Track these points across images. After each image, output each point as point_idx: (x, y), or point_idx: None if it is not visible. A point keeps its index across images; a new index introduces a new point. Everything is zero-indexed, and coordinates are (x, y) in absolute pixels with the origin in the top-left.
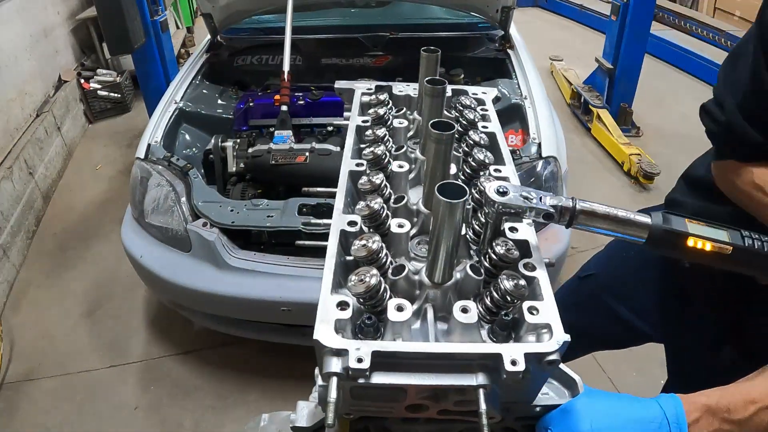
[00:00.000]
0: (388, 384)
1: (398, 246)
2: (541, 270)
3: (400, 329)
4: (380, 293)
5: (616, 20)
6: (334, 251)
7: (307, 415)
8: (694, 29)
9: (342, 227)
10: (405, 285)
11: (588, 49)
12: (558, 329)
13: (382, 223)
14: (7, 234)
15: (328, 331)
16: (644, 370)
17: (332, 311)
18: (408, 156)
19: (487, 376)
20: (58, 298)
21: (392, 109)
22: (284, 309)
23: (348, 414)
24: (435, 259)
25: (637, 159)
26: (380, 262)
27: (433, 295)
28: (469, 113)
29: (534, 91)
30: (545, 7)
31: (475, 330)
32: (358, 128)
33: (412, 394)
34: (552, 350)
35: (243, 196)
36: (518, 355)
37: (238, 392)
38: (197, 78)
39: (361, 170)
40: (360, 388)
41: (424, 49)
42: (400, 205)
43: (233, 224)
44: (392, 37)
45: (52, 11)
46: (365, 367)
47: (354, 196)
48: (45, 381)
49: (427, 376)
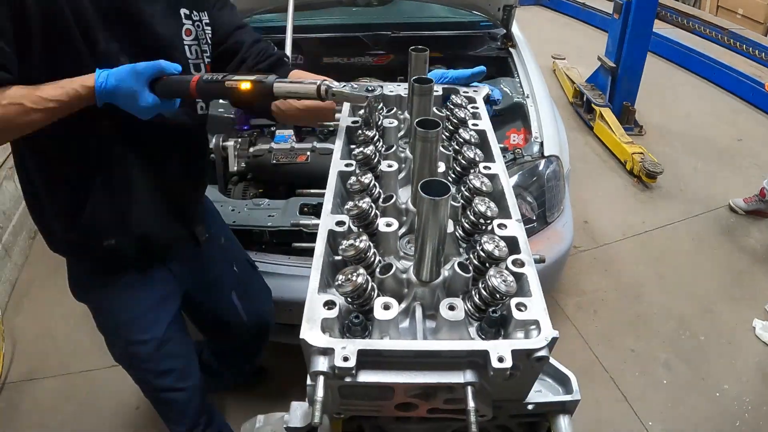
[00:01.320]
0: (375, 382)
1: (387, 245)
2: (530, 266)
3: (387, 328)
4: (367, 292)
5: (619, 18)
6: (322, 251)
7: (300, 415)
8: (696, 27)
9: (330, 227)
10: (393, 283)
11: (590, 48)
12: (546, 325)
13: (371, 223)
14: (9, 234)
15: (314, 330)
16: (646, 371)
17: (319, 310)
18: (398, 155)
19: (475, 373)
20: (60, 297)
21: (383, 110)
22: (286, 308)
23: (338, 413)
24: (422, 257)
25: (640, 158)
26: (368, 261)
27: (421, 294)
28: (459, 111)
29: (536, 89)
30: (547, 5)
31: (463, 327)
32: (348, 129)
33: (400, 393)
34: (540, 346)
35: (244, 196)
36: (505, 351)
37: (237, 392)
38: None
39: (351, 170)
40: (348, 387)
41: (413, 49)
42: (389, 204)
43: (234, 224)
44: (394, 36)
45: None
46: (351, 365)
47: (344, 197)
48: (47, 380)
49: (414, 374)
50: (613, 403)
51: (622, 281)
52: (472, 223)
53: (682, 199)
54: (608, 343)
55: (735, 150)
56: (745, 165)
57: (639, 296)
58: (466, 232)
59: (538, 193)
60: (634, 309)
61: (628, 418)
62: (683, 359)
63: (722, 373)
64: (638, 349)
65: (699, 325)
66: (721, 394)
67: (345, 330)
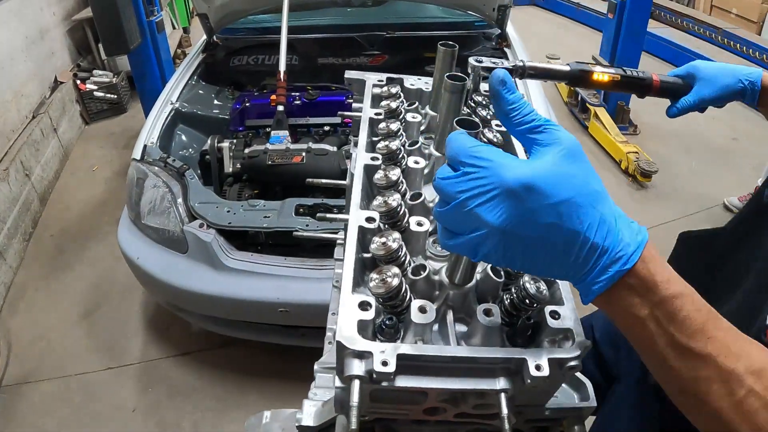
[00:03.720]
0: (412, 387)
1: (415, 244)
2: None
3: (422, 331)
4: (401, 294)
5: (613, 18)
6: (354, 249)
7: (314, 414)
8: (690, 27)
9: (360, 223)
10: (424, 285)
11: (585, 47)
12: (580, 334)
13: (399, 221)
14: (3, 236)
15: (351, 332)
16: None
17: (354, 311)
18: (422, 152)
19: (508, 380)
20: (56, 300)
21: (404, 103)
22: (282, 310)
23: (364, 416)
24: (458, 259)
25: (635, 157)
26: (399, 261)
27: (453, 297)
28: (481, 110)
29: (531, 89)
30: (542, 5)
31: (497, 333)
32: (370, 121)
33: (433, 398)
34: (575, 356)
35: (240, 197)
36: (543, 360)
37: (236, 394)
38: (193, 78)
39: (377, 164)
40: (380, 391)
41: (442, 43)
42: (417, 203)
43: (230, 225)
44: (389, 36)
45: (47, 12)
46: (391, 370)
47: (368, 191)
48: (43, 383)
49: (449, 380)
50: None
51: None
52: None
53: (677, 198)
54: None
55: (730, 149)
56: (739, 164)
57: None
58: None
59: None
60: None
61: None
62: None
63: None
64: None
65: None
66: None
67: (377, 332)
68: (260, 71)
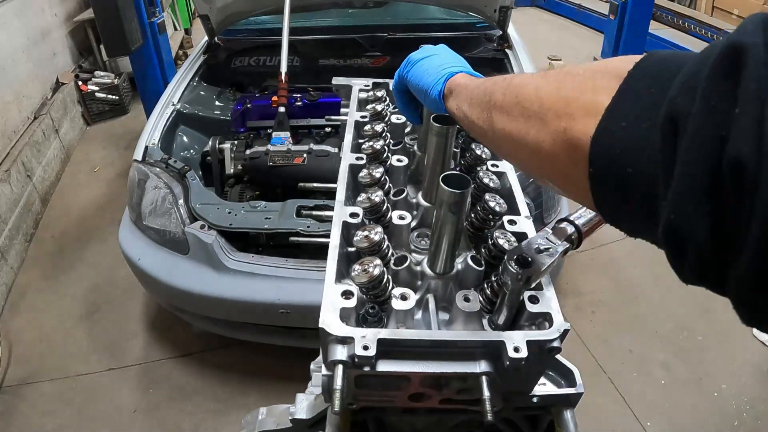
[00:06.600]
0: (393, 372)
1: (399, 238)
2: None
3: (403, 318)
4: (383, 283)
5: (615, 19)
6: (337, 242)
7: (306, 407)
8: (692, 28)
9: (344, 219)
10: (407, 275)
11: (586, 49)
12: (558, 318)
13: (383, 216)
14: (5, 237)
15: (333, 319)
16: (644, 371)
17: (337, 300)
18: (406, 151)
19: (489, 363)
20: (57, 300)
21: (389, 105)
22: (283, 311)
23: (351, 404)
24: (437, 249)
25: None
26: (382, 253)
27: (434, 286)
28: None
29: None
30: (543, 6)
31: (477, 319)
32: (356, 123)
33: (416, 383)
34: (553, 337)
35: (241, 198)
36: (521, 342)
37: (237, 395)
38: (195, 80)
39: (361, 164)
40: (364, 376)
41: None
42: (400, 199)
43: (231, 226)
44: (390, 37)
45: (49, 13)
46: (371, 354)
47: (354, 190)
48: (44, 384)
49: (430, 363)
50: (611, 404)
51: (619, 282)
52: (481, 219)
53: None
54: (606, 343)
55: None
56: None
57: (637, 297)
58: (475, 228)
59: (535, 194)
60: (632, 309)
61: (626, 418)
62: (681, 359)
63: (720, 372)
64: (636, 350)
65: (697, 325)
66: (719, 394)
67: (361, 320)
68: (261, 72)
